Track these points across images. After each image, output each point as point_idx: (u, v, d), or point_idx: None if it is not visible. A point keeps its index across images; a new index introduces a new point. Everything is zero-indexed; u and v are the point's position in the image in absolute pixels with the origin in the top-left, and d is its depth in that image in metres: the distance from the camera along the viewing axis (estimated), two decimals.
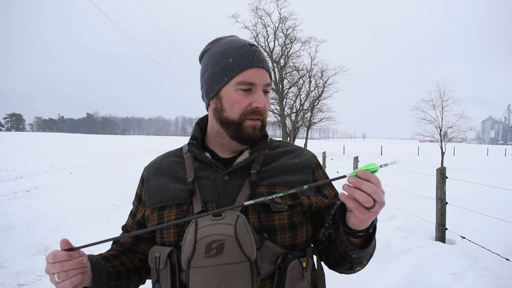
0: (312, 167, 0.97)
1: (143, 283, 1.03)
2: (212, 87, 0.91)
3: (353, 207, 0.69)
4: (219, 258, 0.75)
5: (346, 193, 0.69)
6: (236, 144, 0.93)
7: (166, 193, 0.92)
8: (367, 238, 0.80)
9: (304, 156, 0.98)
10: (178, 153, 1.02)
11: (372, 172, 0.69)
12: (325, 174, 1.01)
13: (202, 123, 1.01)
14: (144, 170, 1.02)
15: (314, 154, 1.01)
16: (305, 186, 0.74)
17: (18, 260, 3.79)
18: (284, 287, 0.80)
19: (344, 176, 0.73)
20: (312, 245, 0.97)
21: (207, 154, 0.93)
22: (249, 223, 0.80)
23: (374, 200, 0.68)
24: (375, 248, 0.89)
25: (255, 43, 0.95)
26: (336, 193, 1.00)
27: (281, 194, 0.75)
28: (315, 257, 0.97)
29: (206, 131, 1.00)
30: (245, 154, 0.93)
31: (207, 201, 0.87)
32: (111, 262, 0.93)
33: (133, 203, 1.03)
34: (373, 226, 0.78)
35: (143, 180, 1.00)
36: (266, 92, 0.91)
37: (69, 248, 0.76)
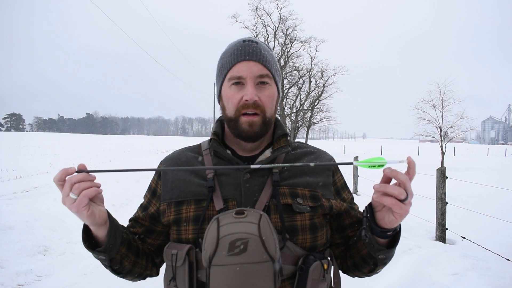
0: (332, 170, 0.98)
1: (143, 278, 1.00)
2: (216, 88, 0.97)
3: (391, 204, 0.71)
4: (243, 257, 0.73)
5: (378, 194, 0.73)
6: (244, 142, 0.93)
7: (185, 188, 0.90)
8: (393, 237, 0.82)
9: (324, 159, 0.99)
10: (196, 149, 1.01)
11: (379, 166, 0.71)
12: (343, 177, 1.02)
13: (223, 121, 1.00)
14: (160, 163, 1.01)
15: (332, 157, 1.02)
16: (287, 165, 0.78)
17: (17, 260, 3.79)
18: None
19: (351, 163, 0.75)
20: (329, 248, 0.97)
21: (228, 152, 0.93)
22: (271, 223, 0.79)
23: (405, 191, 0.70)
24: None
25: (254, 38, 0.93)
26: (353, 197, 1.02)
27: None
28: None
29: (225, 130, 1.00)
30: (267, 153, 0.93)
31: (228, 198, 0.86)
32: (126, 230, 0.94)
33: (145, 197, 1.01)
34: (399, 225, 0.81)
35: (159, 174, 0.98)
36: (262, 83, 0.88)
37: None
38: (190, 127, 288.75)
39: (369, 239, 0.80)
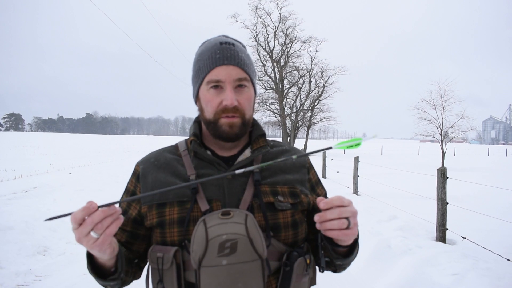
0: (307, 167, 1.01)
1: (129, 283, 0.98)
2: (193, 89, 0.95)
3: (337, 236, 0.74)
4: (233, 257, 0.75)
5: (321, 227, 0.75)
6: (223, 142, 0.93)
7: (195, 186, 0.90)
8: (351, 246, 0.86)
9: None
10: (173, 150, 1.00)
11: (356, 146, 0.73)
12: (316, 173, 1.06)
13: (200, 121, 1.01)
14: (137, 165, 0.98)
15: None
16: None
17: (17, 260, 3.78)
18: (290, 284, 0.82)
19: (330, 147, 0.76)
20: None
21: (209, 152, 0.93)
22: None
23: (346, 218, 0.73)
24: (358, 251, 0.92)
25: (230, 39, 0.92)
26: (326, 193, 1.05)
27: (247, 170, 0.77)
28: None
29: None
30: (247, 153, 0.94)
31: (211, 199, 0.86)
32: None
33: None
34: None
35: (138, 176, 0.96)
36: (240, 86, 0.88)
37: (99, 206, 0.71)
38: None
39: (324, 266, 0.86)
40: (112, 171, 11.42)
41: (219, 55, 0.87)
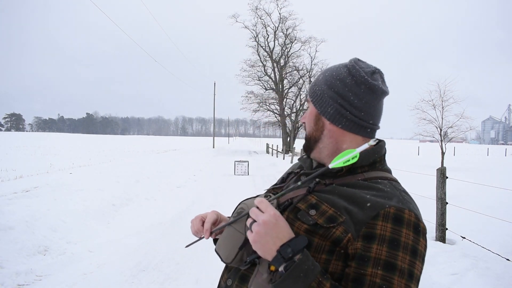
0: (379, 213, 0.76)
1: None
2: None
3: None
4: (233, 220, 0.91)
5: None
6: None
7: (286, 176, 1.13)
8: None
9: (382, 200, 0.79)
10: None
11: (352, 159, 0.83)
12: (395, 233, 0.75)
13: None
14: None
15: (402, 208, 0.78)
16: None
17: (17, 260, 3.79)
18: (251, 276, 0.85)
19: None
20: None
21: (313, 161, 1.06)
22: None
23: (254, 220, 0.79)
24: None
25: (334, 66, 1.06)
26: (394, 267, 0.74)
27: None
28: None
29: None
30: (323, 168, 0.96)
31: (284, 189, 1.04)
32: None
33: None
34: (289, 264, 0.72)
35: None
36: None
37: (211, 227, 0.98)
38: (190, 127, 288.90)
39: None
40: (113, 171, 11.41)
41: None
